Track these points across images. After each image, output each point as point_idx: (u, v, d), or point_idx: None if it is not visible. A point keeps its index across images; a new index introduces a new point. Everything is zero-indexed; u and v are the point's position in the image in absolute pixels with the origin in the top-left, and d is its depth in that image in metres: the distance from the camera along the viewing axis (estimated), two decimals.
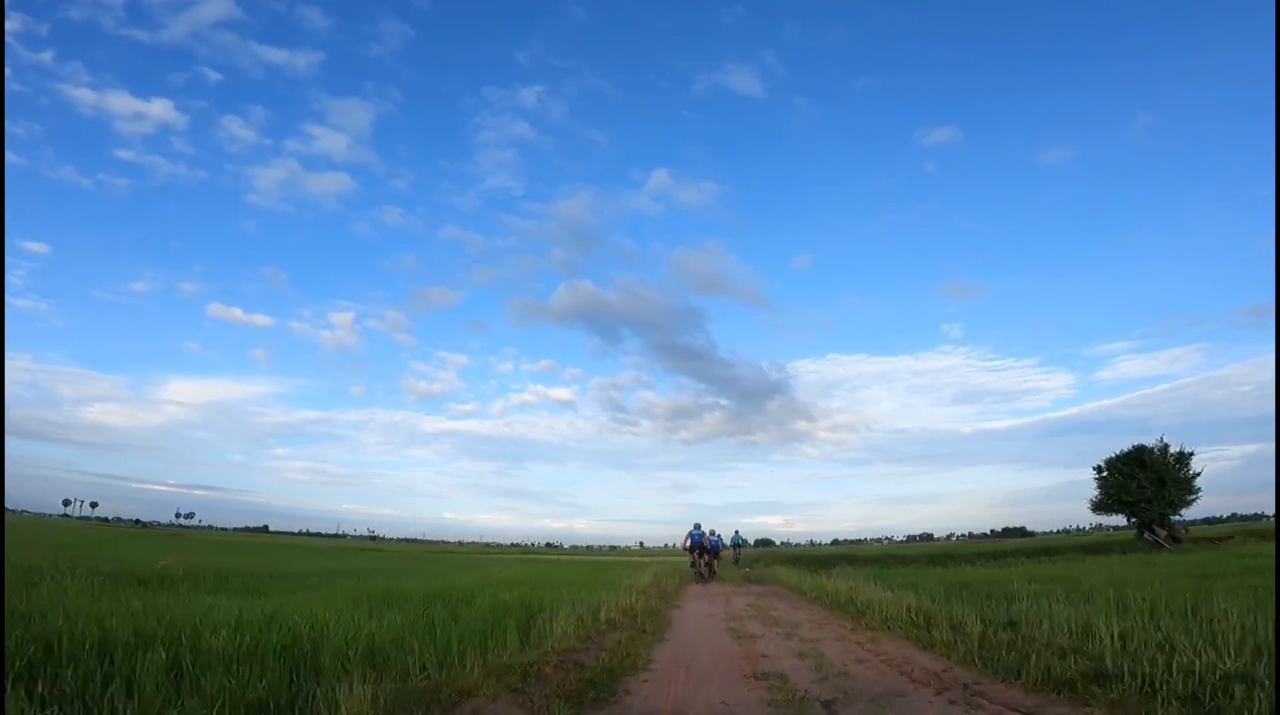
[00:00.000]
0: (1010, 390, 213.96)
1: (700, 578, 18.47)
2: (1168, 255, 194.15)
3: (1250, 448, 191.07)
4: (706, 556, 19.99)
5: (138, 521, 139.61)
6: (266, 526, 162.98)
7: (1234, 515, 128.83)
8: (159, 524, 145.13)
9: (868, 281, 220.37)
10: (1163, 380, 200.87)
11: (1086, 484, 35.22)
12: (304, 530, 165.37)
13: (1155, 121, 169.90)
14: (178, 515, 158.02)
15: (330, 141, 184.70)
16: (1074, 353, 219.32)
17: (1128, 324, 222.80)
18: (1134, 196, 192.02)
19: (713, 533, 21.69)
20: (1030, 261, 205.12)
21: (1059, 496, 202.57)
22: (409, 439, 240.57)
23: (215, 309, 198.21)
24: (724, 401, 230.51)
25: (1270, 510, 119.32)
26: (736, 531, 25.79)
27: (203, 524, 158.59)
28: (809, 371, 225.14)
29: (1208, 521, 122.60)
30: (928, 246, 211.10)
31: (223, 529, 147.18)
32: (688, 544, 19.41)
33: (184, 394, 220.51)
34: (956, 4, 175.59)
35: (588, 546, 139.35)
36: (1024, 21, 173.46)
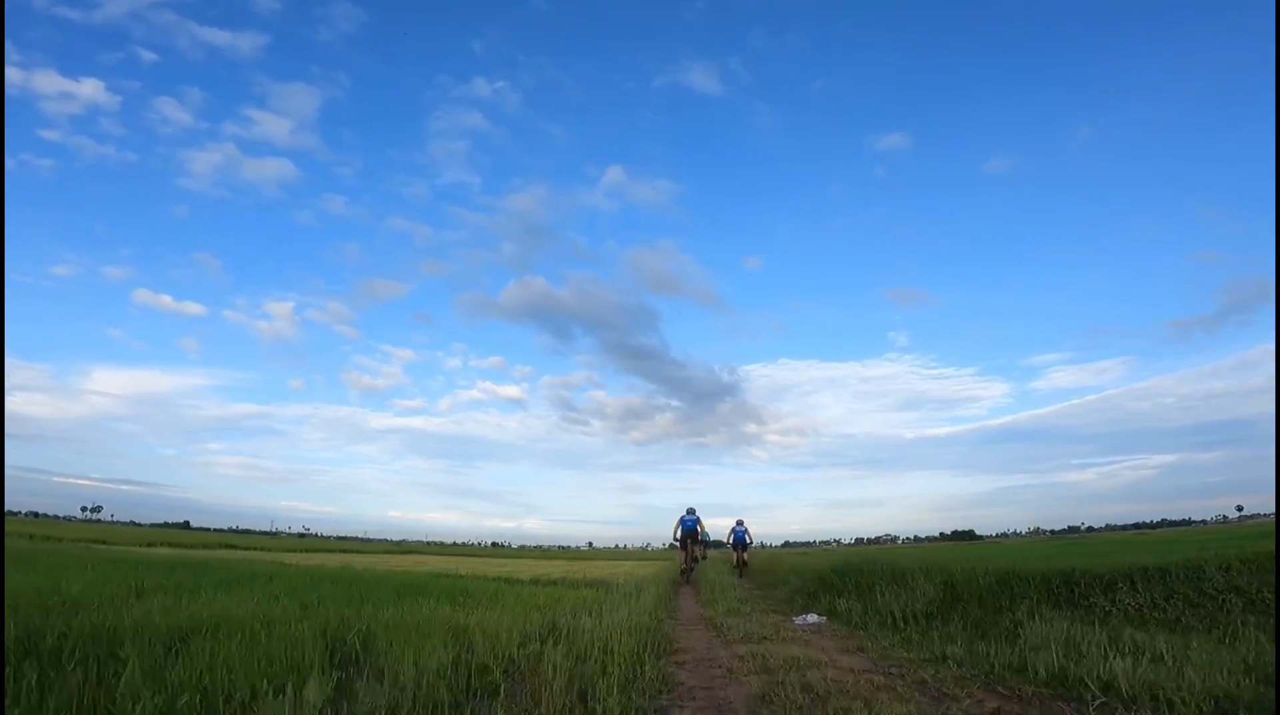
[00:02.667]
0: (951, 398, 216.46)
1: (689, 579, 14.56)
2: (1099, 268, 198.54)
3: (1170, 457, 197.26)
4: (702, 547, 16.11)
5: (34, 515, 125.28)
6: (187, 523, 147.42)
7: (1164, 521, 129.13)
8: (70, 519, 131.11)
9: (817, 285, 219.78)
10: (1091, 391, 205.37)
11: (1017, 490, 26.78)
12: (233, 527, 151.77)
13: (1095, 134, 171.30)
14: (84, 509, 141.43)
15: (271, 126, 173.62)
16: (1011, 363, 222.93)
17: (1061, 336, 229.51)
18: (1070, 210, 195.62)
19: (739, 524, 17.88)
20: (972, 271, 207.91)
21: (990, 502, 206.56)
22: (354, 435, 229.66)
23: (142, 295, 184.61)
24: (675, 403, 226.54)
25: (1196, 516, 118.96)
26: (740, 523, 18.07)
27: (116, 519, 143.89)
28: (761, 375, 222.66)
29: (1136, 527, 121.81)
30: (875, 253, 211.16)
31: (137, 524, 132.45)
32: (678, 535, 15.12)
33: (111, 385, 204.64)
34: (910, 12, 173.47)
35: (536, 546, 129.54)
36: (974, 30, 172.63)
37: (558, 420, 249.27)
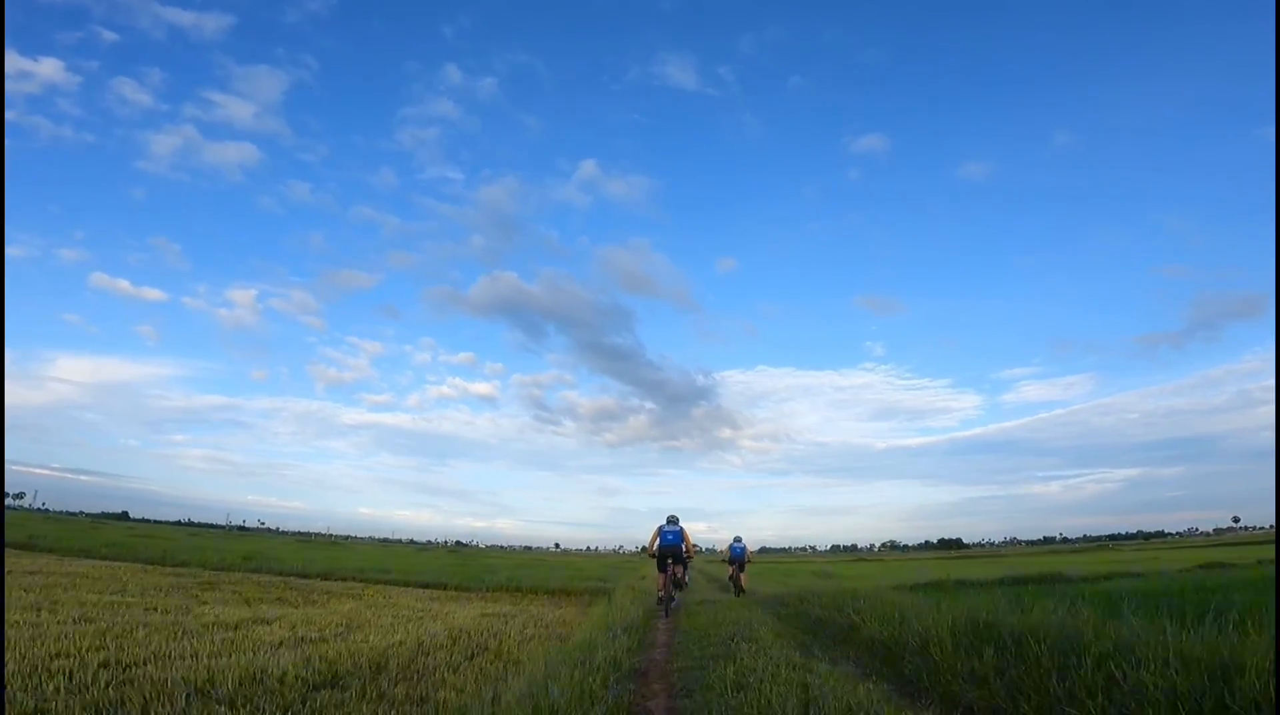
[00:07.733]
0: (924, 409, 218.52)
1: (668, 611, 10.99)
2: (1070, 279, 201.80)
3: (1133, 472, 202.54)
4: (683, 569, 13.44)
5: None
6: (126, 513, 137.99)
7: (1140, 532, 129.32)
8: None
9: (790, 290, 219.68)
10: (1058, 405, 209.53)
11: (984, 500, 23.90)
12: (181, 520, 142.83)
13: (1070, 141, 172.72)
14: (6, 495, 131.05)
15: (234, 109, 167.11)
16: (982, 375, 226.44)
17: (1031, 349, 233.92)
18: (1042, 218, 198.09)
19: (737, 540, 17.63)
20: (945, 280, 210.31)
21: (959, 512, 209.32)
22: (324, 430, 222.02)
23: (98, 279, 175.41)
24: (649, 405, 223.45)
25: (1170, 528, 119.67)
26: (738, 538, 17.62)
27: (46, 507, 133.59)
28: (737, 381, 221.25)
29: (1112, 537, 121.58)
30: (848, 259, 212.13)
31: (71, 514, 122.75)
32: (654, 548, 12.02)
33: (74, 372, 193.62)
34: (890, 13, 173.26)
35: (504, 547, 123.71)
36: (954, 32, 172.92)
37: (530, 420, 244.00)
